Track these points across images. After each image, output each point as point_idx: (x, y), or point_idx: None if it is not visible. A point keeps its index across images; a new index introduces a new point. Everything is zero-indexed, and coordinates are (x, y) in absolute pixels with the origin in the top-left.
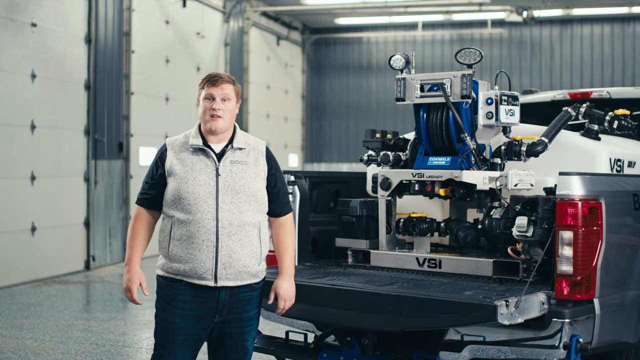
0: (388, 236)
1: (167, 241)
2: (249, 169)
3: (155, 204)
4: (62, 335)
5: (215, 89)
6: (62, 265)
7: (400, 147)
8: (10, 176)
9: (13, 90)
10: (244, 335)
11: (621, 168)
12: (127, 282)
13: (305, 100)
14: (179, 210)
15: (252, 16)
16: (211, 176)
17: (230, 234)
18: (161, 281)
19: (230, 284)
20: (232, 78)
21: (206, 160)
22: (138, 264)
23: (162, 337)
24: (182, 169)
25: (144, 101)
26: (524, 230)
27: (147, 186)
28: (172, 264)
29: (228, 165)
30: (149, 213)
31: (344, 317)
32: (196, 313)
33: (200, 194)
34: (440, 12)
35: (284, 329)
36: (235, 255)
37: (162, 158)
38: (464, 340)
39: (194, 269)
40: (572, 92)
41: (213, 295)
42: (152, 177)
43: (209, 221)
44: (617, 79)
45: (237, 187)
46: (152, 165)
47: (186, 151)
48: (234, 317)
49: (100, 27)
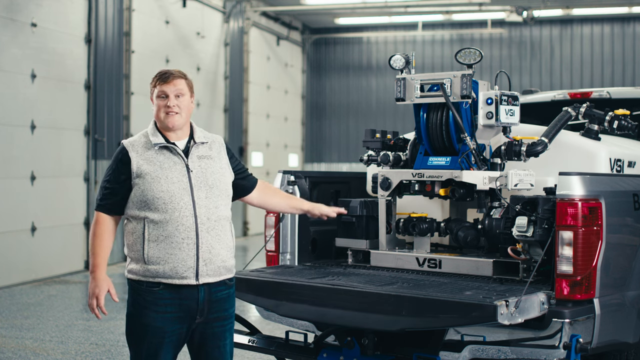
0: (388, 236)
1: (141, 244)
2: (216, 163)
3: (118, 208)
4: (62, 335)
5: (167, 86)
6: (62, 265)
7: (400, 147)
8: (10, 176)
9: (13, 90)
10: (225, 334)
11: (621, 168)
12: (94, 289)
13: (305, 100)
14: (152, 211)
15: (252, 16)
16: (182, 173)
17: (208, 229)
18: (136, 286)
19: (210, 280)
20: (184, 73)
21: (173, 157)
22: (104, 270)
23: (144, 343)
24: (151, 169)
25: (144, 101)
26: (524, 230)
27: (108, 192)
28: (148, 267)
29: (196, 160)
30: (111, 218)
31: (344, 317)
32: (177, 315)
33: (175, 192)
34: (440, 12)
35: (284, 329)
36: (215, 251)
37: (124, 160)
38: (464, 340)
39: (175, 269)
40: (572, 92)
41: (193, 295)
42: (114, 182)
43: (187, 218)
44: (617, 79)
45: (209, 182)
46: (112, 170)
47: (150, 150)
48: (214, 316)
49: (100, 27)
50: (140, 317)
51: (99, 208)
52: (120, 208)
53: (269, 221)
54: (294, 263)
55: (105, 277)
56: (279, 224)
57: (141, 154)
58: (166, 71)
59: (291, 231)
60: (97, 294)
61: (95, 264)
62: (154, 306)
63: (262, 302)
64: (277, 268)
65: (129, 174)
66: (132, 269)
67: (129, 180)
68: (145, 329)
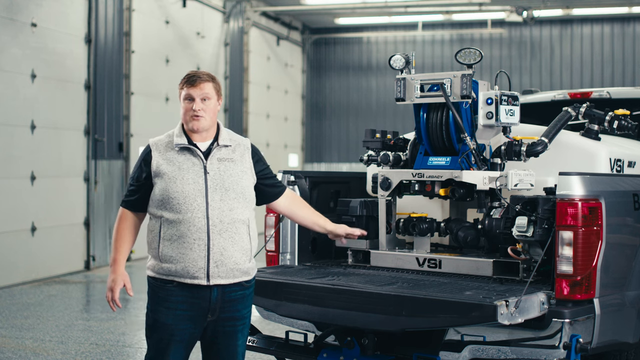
0: (388, 236)
1: (157, 242)
2: (236, 166)
3: (141, 205)
4: (62, 335)
5: (194, 89)
6: (62, 265)
7: (400, 147)
8: (10, 176)
9: (13, 90)
10: (237, 334)
11: (621, 168)
12: (110, 283)
13: (305, 100)
14: (168, 210)
15: (252, 16)
16: (199, 174)
17: (220, 231)
18: (152, 282)
19: (222, 282)
20: (212, 75)
21: (193, 158)
22: (123, 265)
23: (155, 339)
24: (169, 169)
25: (143, 101)
26: (524, 230)
27: (132, 188)
28: (162, 265)
29: (215, 163)
30: (135, 215)
31: (344, 317)
32: (188, 313)
33: (189, 192)
34: (440, 12)
35: (284, 329)
36: (227, 253)
37: (147, 159)
38: (464, 340)
39: (186, 269)
40: (572, 92)
41: (205, 295)
42: (137, 179)
43: (200, 220)
44: (617, 79)
45: (225, 185)
46: (136, 168)
47: (172, 151)
48: (226, 315)
49: (100, 27)
50: (153, 313)
51: (123, 204)
52: (143, 206)
53: (269, 221)
54: (294, 263)
55: (123, 272)
56: (279, 224)
57: (163, 153)
58: (194, 73)
59: (291, 231)
60: (112, 288)
61: (114, 258)
62: (166, 302)
63: (262, 302)
64: (277, 268)
65: (149, 173)
66: (149, 265)
67: (150, 179)
68: (157, 325)
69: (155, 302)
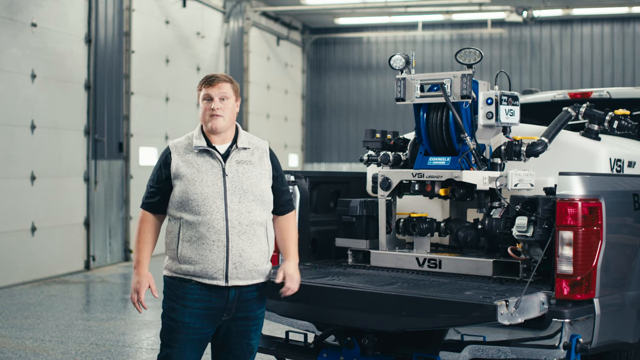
0: (388, 236)
1: (176, 243)
2: (255, 168)
3: (161, 207)
4: (62, 335)
5: (212, 89)
6: (62, 265)
7: (400, 147)
8: (10, 176)
9: (13, 90)
10: (250, 334)
11: (621, 168)
12: (135, 285)
13: (305, 100)
14: (187, 212)
15: (252, 16)
16: (218, 177)
17: (239, 233)
18: (169, 281)
19: (240, 283)
20: (230, 77)
21: (212, 161)
22: (147, 266)
23: (170, 337)
24: (189, 171)
25: (143, 101)
26: (524, 230)
27: (152, 190)
28: (181, 266)
29: (234, 165)
30: (155, 216)
31: (344, 317)
32: (205, 312)
33: (208, 194)
34: (440, 12)
35: (284, 329)
36: (246, 255)
37: (166, 161)
38: (464, 340)
39: (205, 270)
40: (572, 92)
41: (223, 295)
42: (157, 181)
43: (219, 221)
44: (617, 79)
45: (244, 187)
46: (156, 169)
47: (191, 153)
48: (241, 315)
49: (100, 27)
50: (169, 312)
51: (143, 206)
52: (162, 207)
53: None
54: None
55: (147, 273)
56: None
57: (182, 155)
58: (212, 75)
59: None
60: (138, 289)
61: (138, 260)
62: (183, 301)
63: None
64: (277, 268)
65: (169, 175)
66: (167, 265)
67: (169, 181)
68: (173, 323)
69: (173, 300)
